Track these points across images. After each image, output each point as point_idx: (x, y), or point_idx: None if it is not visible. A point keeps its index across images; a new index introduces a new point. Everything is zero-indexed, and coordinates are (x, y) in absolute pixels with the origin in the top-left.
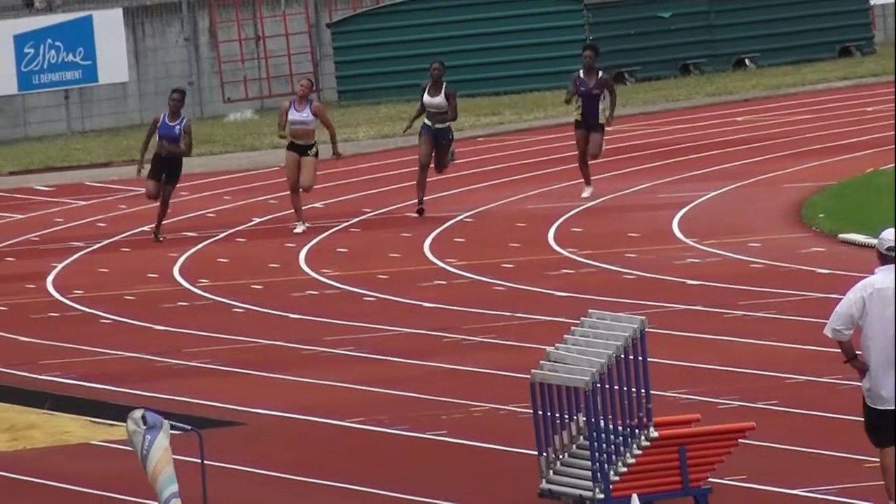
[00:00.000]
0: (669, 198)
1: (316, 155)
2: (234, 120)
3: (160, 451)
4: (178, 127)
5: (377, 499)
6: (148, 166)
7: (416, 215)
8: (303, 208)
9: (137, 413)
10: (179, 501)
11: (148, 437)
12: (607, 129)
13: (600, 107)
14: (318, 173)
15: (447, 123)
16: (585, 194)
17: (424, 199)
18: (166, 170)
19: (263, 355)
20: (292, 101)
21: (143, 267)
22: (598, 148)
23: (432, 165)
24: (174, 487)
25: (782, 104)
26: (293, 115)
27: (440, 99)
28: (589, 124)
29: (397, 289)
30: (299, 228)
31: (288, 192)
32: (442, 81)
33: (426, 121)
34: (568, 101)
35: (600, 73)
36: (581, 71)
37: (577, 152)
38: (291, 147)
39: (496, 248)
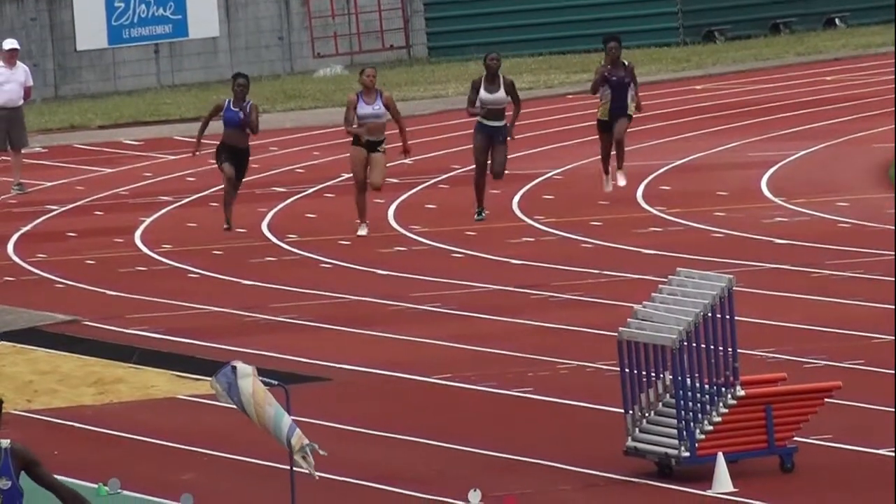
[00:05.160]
0: (758, 157)
1: (385, 151)
2: (324, 75)
3: (249, 398)
4: (241, 112)
5: (462, 455)
6: (202, 152)
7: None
8: (365, 206)
9: (214, 382)
10: (299, 431)
11: (233, 397)
12: (635, 116)
13: (629, 97)
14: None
15: (504, 121)
16: (617, 184)
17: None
18: (233, 160)
19: (350, 311)
20: (359, 93)
21: (232, 222)
22: (624, 131)
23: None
24: (285, 422)
25: (872, 63)
26: (364, 110)
27: (500, 94)
28: (615, 114)
29: (485, 245)
30: (362, 230)
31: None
32: (499, 74)
33: (481, 119)
34: (595, 91)
35: (626, 63)
36: (607, 64)
37: (602, 146)
38: (357, 142)
39: (584, 206)
